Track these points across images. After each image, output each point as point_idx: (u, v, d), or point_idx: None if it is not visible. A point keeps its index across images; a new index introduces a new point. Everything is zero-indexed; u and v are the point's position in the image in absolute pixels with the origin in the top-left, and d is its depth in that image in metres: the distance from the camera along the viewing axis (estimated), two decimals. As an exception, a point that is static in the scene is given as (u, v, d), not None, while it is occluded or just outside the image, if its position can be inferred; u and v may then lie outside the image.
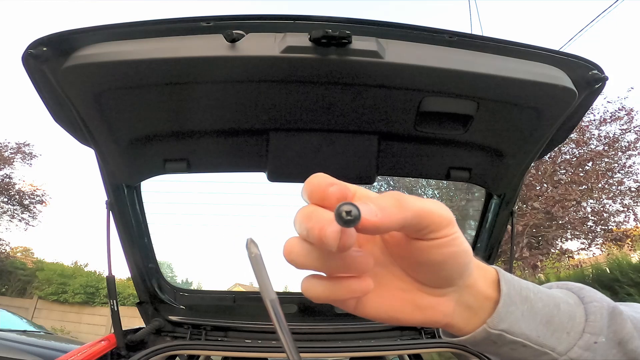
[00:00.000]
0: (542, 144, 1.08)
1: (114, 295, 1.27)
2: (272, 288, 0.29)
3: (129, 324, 1.47)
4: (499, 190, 1.27)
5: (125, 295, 10.85)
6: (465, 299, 0.34)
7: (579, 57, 0.92)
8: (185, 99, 0.96)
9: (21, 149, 12.31)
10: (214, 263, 3.69)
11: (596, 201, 9.09)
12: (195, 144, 1.13)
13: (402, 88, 0.93)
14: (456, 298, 0.33)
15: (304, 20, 0.86)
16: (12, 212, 12.56)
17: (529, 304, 0.34)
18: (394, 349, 1.44)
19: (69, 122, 1.02)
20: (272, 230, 2.13)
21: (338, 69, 0.87)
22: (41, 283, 12.37)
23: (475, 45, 0.90)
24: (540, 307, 0.34)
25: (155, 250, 1.43)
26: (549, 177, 8.95)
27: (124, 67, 0.85)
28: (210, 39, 0.84)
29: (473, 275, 0.33)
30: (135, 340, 1.38)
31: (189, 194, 1.57)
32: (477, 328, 0.34)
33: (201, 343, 1.44)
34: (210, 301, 1.60)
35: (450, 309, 0.33)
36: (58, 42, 0.83)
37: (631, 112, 8.93)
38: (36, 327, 6.40)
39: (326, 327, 1.52)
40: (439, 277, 0.32)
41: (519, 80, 0.89)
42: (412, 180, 8.95)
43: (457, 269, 0.31)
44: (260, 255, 0.28)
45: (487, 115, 1.00)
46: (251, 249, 0.28)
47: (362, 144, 1.12)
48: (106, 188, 1.20)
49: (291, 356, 0.30)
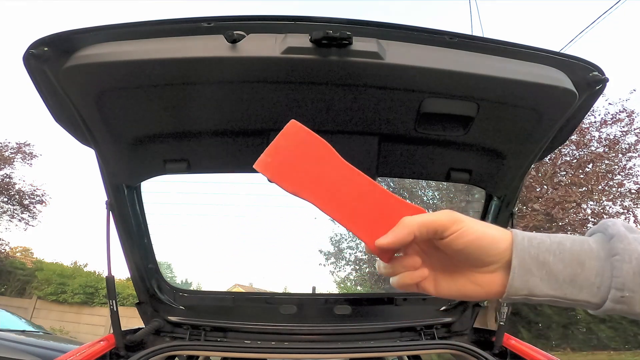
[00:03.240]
0: (543, 146, 1.08)
1: (114, 295, 1.27)
2: None
3: (129, 325, 1.46)
4: (499, 192, 1.27)
5: (124, 295, 10.84)
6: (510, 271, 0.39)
7: (579, 59, 0.92)
8: (186, 99, 0.96)
9: (21, 149, 12.29)
10: (213, 263, 3.69)
11: (596, 203, 9.08)
12: (196, 144, 1.13)
13: (403, 89, 0.93)
14: (504, 272, 0.39)
15: (305, 21, 0.86)
16: (12, 212, 12.54)
17: (547, 268, 0.37)
18: (393, 350, 1.44)
19: (69, 122, 1.02)
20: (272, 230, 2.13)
21: (338, 70, 0.87)
22: (40, 283, 12.35)
23: (476, 46, 0.90)
24: (560, 269, 0.37)
25: (154, 251, 1.43)
26: (549, 178, 8.95)
27: (125, 67, 0.85)
28: (211, 40, 0.84)
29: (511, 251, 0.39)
30: (134, 340, 1.37)
31: (189, 195, 1.57)
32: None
33: (200, 343, 1.44)
34: (209, 302, 1.60)
35: (505, 281, 0.39)
36: (59, 42, 0.84)
37: (632, 114, 8.92)
38: (35, 327, 6.38)
39: (326, 328, 1.52)
40: (474, 259, 0.40)
41: (519, 82, 0.89)
42: (413, 182, 8.94)
43: (481, 251, 0.39)
44: None
45: (488, 116, 1.00)
46: None
47: (363, 145, 1.12)
48: (106, 188, 1.20)
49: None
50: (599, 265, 0.37)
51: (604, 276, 0.36)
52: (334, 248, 10.60)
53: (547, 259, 0.37)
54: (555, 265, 0.37)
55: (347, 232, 10.28)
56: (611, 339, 8.79)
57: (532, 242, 0.39)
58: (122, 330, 1.32)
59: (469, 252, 0.39)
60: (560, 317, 9.24)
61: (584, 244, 0.38)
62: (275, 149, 0.43)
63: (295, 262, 9.77)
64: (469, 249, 0.39)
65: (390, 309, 1.59)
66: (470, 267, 0.41)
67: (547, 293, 0.37)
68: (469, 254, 0.39)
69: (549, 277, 0.37)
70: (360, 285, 10.67)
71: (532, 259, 0.38)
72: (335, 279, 10.89)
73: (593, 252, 0.37)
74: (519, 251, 0.38)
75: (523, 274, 0.38)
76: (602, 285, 0.36)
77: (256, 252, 7.19)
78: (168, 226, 1.64)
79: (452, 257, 0.41)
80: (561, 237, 0.39)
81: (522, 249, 0.38)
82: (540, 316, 9.35)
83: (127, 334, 1.37)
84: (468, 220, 0.40)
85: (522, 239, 0.39)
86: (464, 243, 0.39)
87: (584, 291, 0.37)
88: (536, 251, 0.38)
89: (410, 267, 0.42)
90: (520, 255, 0.38)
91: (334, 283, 10.91)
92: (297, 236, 10.04)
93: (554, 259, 0.37)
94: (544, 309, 9.23)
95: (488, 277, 0.40)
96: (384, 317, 1.59)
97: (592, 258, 0.37)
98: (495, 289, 0.40)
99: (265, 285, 14.61)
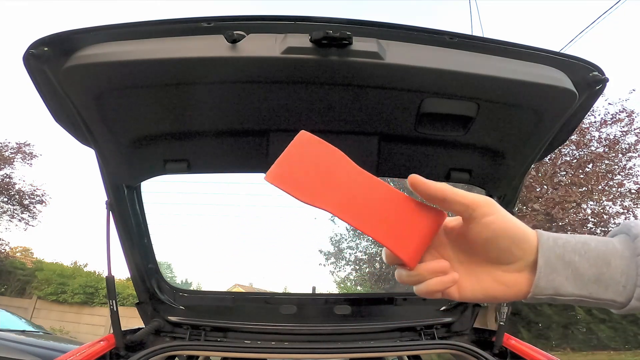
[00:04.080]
0: (543, 146, 1.08)
1: (114, 295, 1.27)
2: None
3: (129, 325, 1.46)
4: (499, 192, 1.27)
5: (124, 295, 10.85)
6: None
7: (579, 59, 0.92)
8: (186, 99, 0.96)
9: (21, 149, 12.29)
10: (213, 263, 3.70)
11: (596, 203, 9.08)
12: (196, 144, 1.13)
13: (403, 89, 0.93)
14: (530, 271, 0.39)
15: (305, 21, 0.86)
16: (12, 212, 12.55)
17: (573, 268, 0.37)
18: (393, 350, 1.44)
19: (69, 122, 1.02)
20: (272, 230, 2.13)
21: (338, 70, 0.87)
22: (40, 283, 12.35)
23: (476, 46, 0.90)
24: (586, 268, 0.37)
25: (155, 251, 1.43)
26: (549, 178, 8.94)
27: (125, 67, 0.85)
28: (211, 40, 0.84)
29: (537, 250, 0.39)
30: (134, 340, 1.37)
31: (189, 195, 1.57)
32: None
33: (200, 343, 1.44)
34: (209, 302, 1.60)
35: (530, 281, 0.39)
36: (59, 42, 0.83)
37: (632, 114, 8.92)
38: (35, 327, 6.38)
39: (325, 328, 1.52)
40: (503, 250, 0.39)
41: (519, 82, 0.89)
42: (412, 182, 8.92)
43: (512, 242, 0.39)
44: None
45: (488, 116, 1.00)
46: None
47: (363, 145, 1.12)
48: (106, 188, 1.20)
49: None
50: (624, 264, 0.37)
51: (630, 275, 0.36)
52: (334, 248, 10.61)
53: (572, 259, 0.38)
54: (581, 264, 0.37)
55: (347, 232, 10.29)
56: (611, 339, 8.79)
57: (558, 241, 0.39)
58: (122, 330, 1.32)
59: (499, 241, 0.39)
60: (560, 317, 9.24)
61: (608, 243, 0.39)
62: (285, 160, 0.42)
63: (295, 262, 9.77)
64: (500, 238, 0.39)
65: (390, 309, 1.59)
66: (496, 264, 0.40)
67: (572, 292, 0.37)
68: (499, 244, 0.39)
69: (575, 277, 0.37)
70: (360, 285, 10.67)
71: (558, 259, 0.38)
72: (335, 279, 10.90)
73: (618, 251, 0.38)
74: (544, 250, 0.38)
75: (549, 273, 0.38)
76: (628, 284, 0.36)
77: (256, 252, 7.19)
78: (168, 226, 1.65)
79: (480, 250, 0.40)
80: (586, 237, 0.39)
81: (547, 248, 0.38)
82: (540, 316, 9.35)
83: (127, 334, 1.37)
84: (501, 208, 0.39)
85: (547, 239, 0.39)
86: (496, 230, 0.38)
87: (610, 290, 0.37)
88: (562, 251, 0.38)
89: (439, 272, 0.41)
90: (546, 255, 0.38)
91: (334, 283, 10.92)
92: (297, 236, 10.05)
93: (580, 259, 0.37)
94: (544, 309, 9.23)
95: (514, 276, 0.40)
96: (384, 317, 1.59)
97: (617, 257, 0.37)
98: (522, 289, 0.40)
99: (265, 285, 14.61)
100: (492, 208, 0.39)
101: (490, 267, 0.41)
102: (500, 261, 0.40)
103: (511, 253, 0.39)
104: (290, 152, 0.43)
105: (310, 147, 0.43)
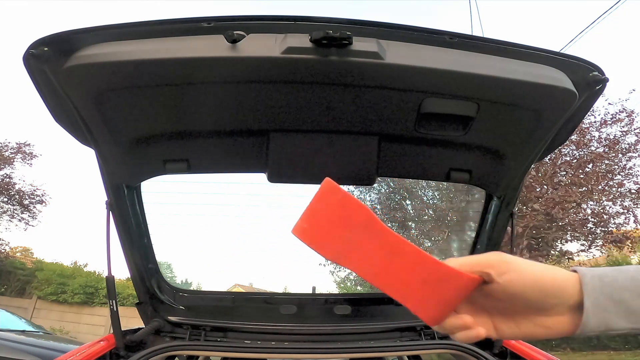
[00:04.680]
0: (543, 146, 1.07)
1: (114, 295, 1.27)
2: None
3: (129, 325, 1.46)
4: (499, 192, 1.27)
5: (124, 295, 10.84)
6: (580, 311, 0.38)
7: (579, 59, 0.92)
8: (186, 99, 0.96)
9: (21, 149, 12.29)
10: (213, 263, 3.69)
11: (596, 203, 9.08)
12: (196, 144, 1.13)
13: (403, 89, 0.93)
14: (573, 312, 0.39)
15: (305, 21, 0.86)
16: (12, 212, 12.55)
17: (625, 306, 0.37)
18: (393, 350, 1.44)
19: (69, 122, 1.02)
20: (271, 230, 2.13)
21: (339, 70, 0.87)
22: (40, 283, 12.35)
23: (476, 46, 0.90)
24: (639, 304, 0.37)
25: (155, 251, 1.43)
26: (549, 178, 8.95)
27: (125, 67, 0.85)
28: (211, 40, 0.84)
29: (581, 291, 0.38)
30: (134, 340, 1.37)
31: (189, 195, 1.57)
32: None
33: (200, 343, 1.44)
34: (209, 302, 1.60)
35: (575, 321, 0.39)
36: (59, 42, 0.83)
37: (632, 114, 8.92)
38: (35, 327, 6.38)
39: (325, 328, 1.52)
40: (535, 303, 0.39)
41: (519, 82, 0.89)
42: (413, 182, 8.94)
43: (543, 294, 0.38)
44: None
45: (488, 116, 1.00)
46: None
47: (363, 145, 1.12)
48: (106, 188, 1.20)
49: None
50: None
51: None
52: (334, 248, 10.58)
53: (623, 297, 0.38)
54: (634, 301, 0.37)
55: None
56: (611, 339, 8.78)
57: (604, 280, 0.38)
58: (122, 330, 1.32)
59: (528, 295, 0.38)
60: (560, 317, 9.23)
61: None
62: (311, 214, 0.43)
63: (295, 262, 9.75)
64: (528, 292, 0.38)
65: (390, 309, 1.58)
66: (534, 312, 0.40)
67: (625, 327, 0.38)
68: (529, 299, 0.39)
69: (627, 313, 0.37)
70: (360, 285, 10.67)
71: (607, 298, 0.38)
72: (335, 279, 10.90)
73: None
74: (590, 291, 0.38)
75: (599, 313, 0.38)
76: None
77: (256, 252, 7.19)
78: (168, 226, 1.64)
79: (510, 303, 0.40)
80: (631, 271, 0.39)
81: (593, 288, 0.38)
82: (540, 316, 9.33)
83: (127, 334, 1.37)
84: (518, 260, 0.39)
85: (591, 279, 0.39)
86: (519, 286, 0.38)
87: None
88: (610, 290, 0.38)
89: (462, 328, 0.41)
90: (593, 296, 0.38)
91: (334, 283, 10.92)
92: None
93: (631, 295, 0.38)
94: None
95: (556, 319, 0.40)
96: (384, 317, 1.59)
97: None
98: (565, 328, 0.40)
99: (265, 285, 14.59)
100: (506, 266, 0.38)
101: (529, 314, 0.41)
102: (537, 310, 0.40)
103: (546, 302, 0.39)
104: (316, 203, 0.43)
105: (336, 199, 0.42)
